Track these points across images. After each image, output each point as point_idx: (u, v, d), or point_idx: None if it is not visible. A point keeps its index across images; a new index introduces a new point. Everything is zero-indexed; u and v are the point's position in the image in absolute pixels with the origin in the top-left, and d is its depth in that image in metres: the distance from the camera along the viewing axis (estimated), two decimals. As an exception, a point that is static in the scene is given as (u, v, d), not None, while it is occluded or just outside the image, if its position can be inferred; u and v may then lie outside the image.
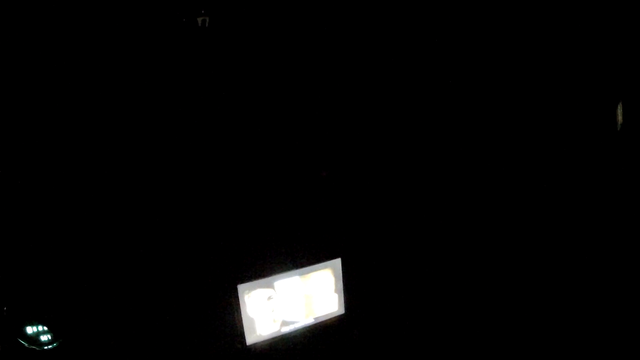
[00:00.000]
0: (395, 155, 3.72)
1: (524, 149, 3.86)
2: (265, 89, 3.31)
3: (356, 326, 3.61)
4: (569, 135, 3.85)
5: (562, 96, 3.80)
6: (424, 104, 3.70)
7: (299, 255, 3.34)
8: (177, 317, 3.15)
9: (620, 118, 3.81)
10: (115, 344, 3.04)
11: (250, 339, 3.18)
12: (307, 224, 3.47)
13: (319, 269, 3.35)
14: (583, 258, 3.82)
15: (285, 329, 3.30)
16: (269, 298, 3.20)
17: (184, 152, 3.15)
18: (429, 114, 3.73)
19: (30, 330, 2.85)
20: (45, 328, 2.88)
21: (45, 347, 2.89)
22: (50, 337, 2.89)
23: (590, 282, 3.78)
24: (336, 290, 3.43)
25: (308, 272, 3.31)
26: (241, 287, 3.10)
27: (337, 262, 3.40)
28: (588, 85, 3.79)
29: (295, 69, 3.35)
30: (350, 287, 3.49)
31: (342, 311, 3.48)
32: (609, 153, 3.83)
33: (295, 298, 3.30)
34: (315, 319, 3.39)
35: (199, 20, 3.08)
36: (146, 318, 3.09)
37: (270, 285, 3.20)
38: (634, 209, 3.74)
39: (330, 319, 3.46)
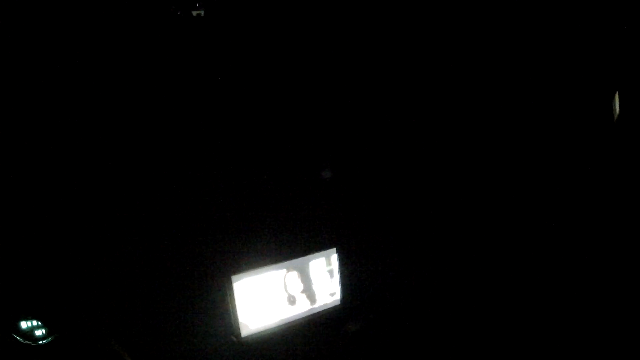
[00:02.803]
0: (391, 145, 3.72)
1: (519, 140, 3.86)
2: (254, 80, 3.31)
3: (351, 318, 3.59)
4: (564, 126, 3.85)
5: (558, 87, 3.80)
6: (415, 93, 3.70)
7: (293, 246, 3.32)
8: (171, 310, 3.13)
9: (617, 109, 3.81)
10: (110, 338, 3.04)
11: (245, 331, 3.16)
12: (301, 213, 3.46)
13: (313, 260, 3.33)
14: (581, 252, 3.81)
15: (279, 321, 3.28)
16: (263, 290, 3.19)
17: (173, 142, 3.16)
18: (422, 105, 3.73)
19: (24, 325, 2.85)
20: (40, 323, 2.87)
21: (40, 342, 2.88)
22: (44, 332, 2.88)
23: (588, 279, 3.77)
24: (331, 282, 3.41)
25: (302, 263, 3.29)
26: (235, 279, 3.08)
27: (332, 252, 3.39)
28: (584, 76, 3.79)
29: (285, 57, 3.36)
30: (346, 278, 3.47)
31: (337, 303, 3.46)
32: (605, 144, 3.83)
33: (289, 290, 3.28)
34: (309, 310, 3.37)
35: (194, 13, 3.08)
36: (140, 311, 3.08)
37: (264, 277, 3.18)
38: (631, 201, 3.73)
39: (324, 311, 3.43)
